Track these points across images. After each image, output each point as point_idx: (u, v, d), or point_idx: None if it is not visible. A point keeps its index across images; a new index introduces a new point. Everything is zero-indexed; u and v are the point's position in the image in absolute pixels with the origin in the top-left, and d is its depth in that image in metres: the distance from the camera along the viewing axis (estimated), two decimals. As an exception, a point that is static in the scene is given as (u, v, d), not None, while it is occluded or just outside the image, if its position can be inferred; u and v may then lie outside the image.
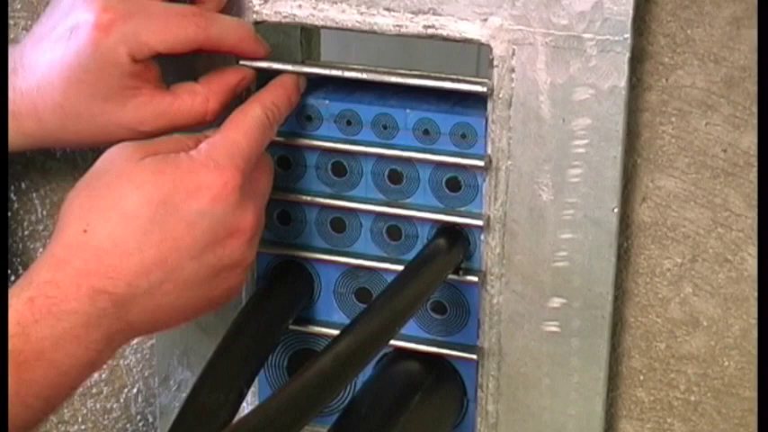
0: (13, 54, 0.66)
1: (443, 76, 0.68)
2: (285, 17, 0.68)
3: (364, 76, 0.67)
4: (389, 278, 0.69)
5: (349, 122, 0.69)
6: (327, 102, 0.69)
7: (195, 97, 0.66)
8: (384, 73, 0.67)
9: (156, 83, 0.65)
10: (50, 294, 0.55)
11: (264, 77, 0.70)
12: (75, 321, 0.55)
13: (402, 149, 0.68)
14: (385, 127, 0.68)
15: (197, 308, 0.61)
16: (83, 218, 0.58)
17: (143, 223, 0.57)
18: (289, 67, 0.68)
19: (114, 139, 0.65)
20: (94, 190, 0.59)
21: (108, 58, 0.63)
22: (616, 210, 0.65)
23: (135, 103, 0.64)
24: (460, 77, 0.67)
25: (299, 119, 0.70)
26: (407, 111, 0.68)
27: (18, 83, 0.65)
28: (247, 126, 0.62)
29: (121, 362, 0.82)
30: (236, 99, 0.67)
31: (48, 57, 0.64)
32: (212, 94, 0.66)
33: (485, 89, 0.65)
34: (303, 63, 0.70)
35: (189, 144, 0.61)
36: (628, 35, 0.62)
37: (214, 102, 0.66)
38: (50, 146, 0.69)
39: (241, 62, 0.68)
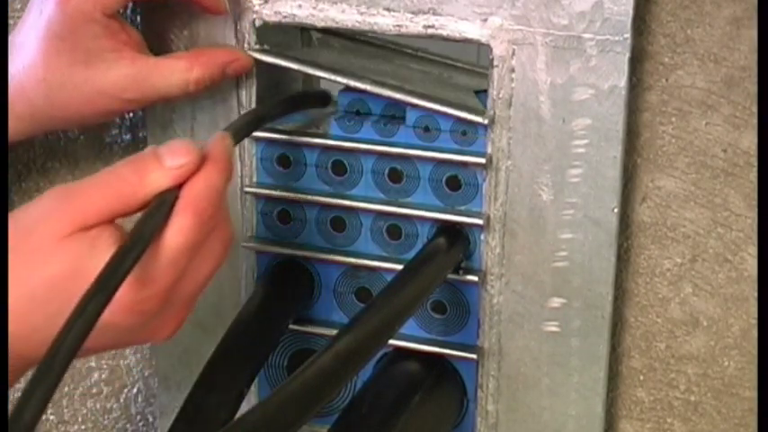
0: (8, 38, 0.67)
1: (446, 100, 0.67)
2: (285, 17, 0.68)
3: (368, 87, 0.67)
4: (389, 278, 0.69)
5: (358, 112, 0.70)
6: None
7: (179, 62, 0.65)
8: (388, 87, 0.67)
9: (137, 48, 0.65)
10: None
11: (265, 78, 0.70)
12: None
13: (402, 147, 0.68)
14: (393, 117, 0.69)
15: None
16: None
17: (51, 310, 0.52)
18: (293, 65, 0.68)
19: (101, 110, 0.66)
20: (12, 252, 0.53)
21: (78, 19, 0.63)
22: (616, 210, 0.65)
23: (116, 67, 0.64)
24: (462, 106, 0.67)
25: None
26: (408, 107, 0.68)
27: (9, 68, 0.66)
28: (179, 230, 0.53)
29: (121, 362, 0.82)
30: (227, 80, 0.67)
31: (27, 36, 0.65)
32: (198, 63, 0.65)
33: (485, 120, 0.65)
34: (305, 63, 0.70)
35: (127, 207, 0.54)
36: (628, 35, 0.62)
37: (198, 71, 0.65)
38: (43, 127, 0.69)
39: (248, 51, 0.68)
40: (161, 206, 0.53)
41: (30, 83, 0.65)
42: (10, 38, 0.67)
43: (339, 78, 0.68)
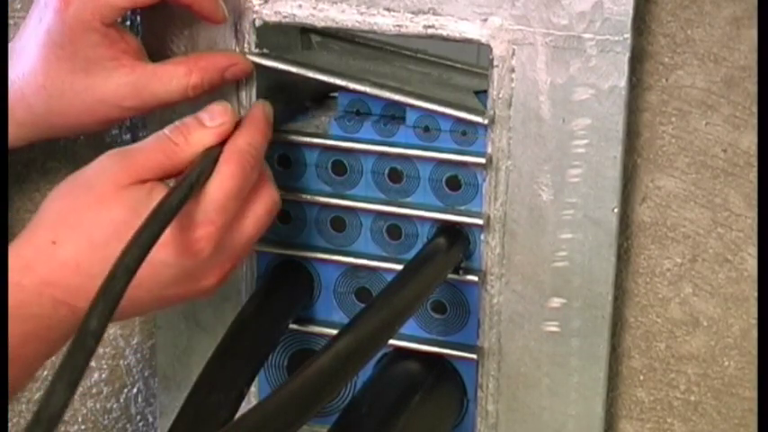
0: (9, 44, 0.67)
1: (445, 100, 0.67)
2: (285, 17, 0.68)
3: (368, 89, 0.67)
4: (389, 277, 0.69)
5: (358, 112, 0.70)
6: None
7: (177, 67, 0.66)
8: (388, 89, 0.67)
9: (136, 55, 0.65)
10: (16, 297, 0.56)
11: (266, 80, 0.70)
12: (38, 324, 0.57)
13: (402, 147, 0.68)
14: (393, 117, 0.69)
15: (160, 309, 0.64)
16: (54, 229, 0.58)
17: (109, 254, 0.55)
18: (292, 68, 0.68)
19: (100, 118, 0.66)
20: (73, 203, 0.59)
21: (77, 28, 0.63)
22: (616, 210, 0.65)
23: (116, 75, 0.65)
24: (462, 106, 0.67)
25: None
26: (408, 107, 0.68)
27: (9, 73, 0.66)
28: (224, 178, 0.60)
29: (121, 362, 0.82)
30: (226, 85, 0.68)
31: (28, 43, 0.65)
32: (197, 68, 0.66)
33: (485, 121, 0.65)
34: (305, 66, 0.70)
35: (176, 164, 0.60)
36: (628, 35, 0.62)
37: (197, 76, 0.66)
38: (44, 134, 0.69)
39: (247, 56, 0.68)
40: (206, 158, 0.60)
41: (30, 89, 0.66)
42: (11, 44, 0.67)
43: (338, 81, 0.68)
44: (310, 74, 0.69)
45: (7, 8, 0.74)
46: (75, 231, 0.58)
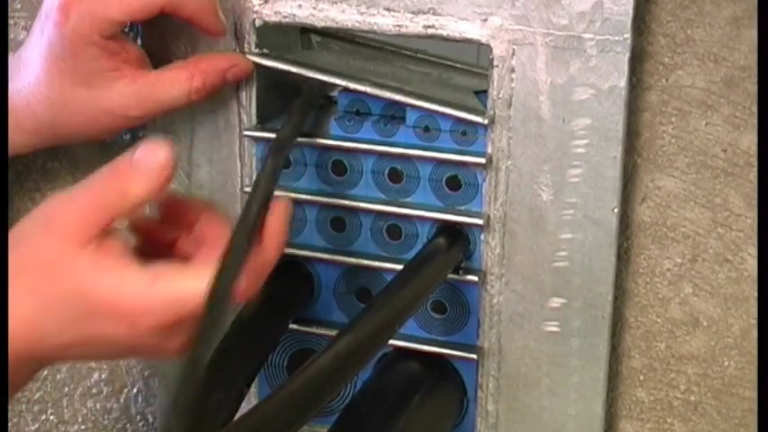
0: (17, 53, 0.68)
1: (445, 100, 0.67)
2: (285, 17, 0.68)
3: (368, 89, 0.67)
4: (389, 278, 0.69)
5: (358, 112, 0.70)
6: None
7: (179, 72, 0.66)
8: (388, 89, 0.67)
9: (138, 64, 0.66)
10: None
11: (265, 80, 0.70)
12: None
13: (402, 147, 0.68)
14: (393, 117, 0.69)
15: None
16: (11, 281, 0.55)
17: (64, 316, 0.55)
18: (292, 68, 0.68)
19: (104, 127, 0.66)
20: (27, 257, 0.56)
21: (76, 41, 0.63)
22: (616, 210, 0.65)
23: (119, 86, 0.65)
24: (462, 106, 0.67)
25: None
26: (408, 108, 0.68)
27: (15, 82, 0.66)
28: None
29: (121, 362, 0.82)
30: (228, 86, 0.68)
31: (32, 54, 0.66)
32: (198, 72, 0.66)
33: (485, 121, 0.65)
34: (305, 66, 0.70)
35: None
36: (628, 35, 0.62)
37: (198, 80, 0.66)
38: (49, 142, 0.69)
39: (247, 56, 0.68)
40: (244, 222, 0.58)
41: (35, 99, 0.66)
42: (19, 52, 0.68)
43: (338, 81, 0.68)
44: (310, 74, 0.69)
45: (7, 8, 0.75)
46: (30, 290, 0.55)
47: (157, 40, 0.70)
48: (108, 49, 0.64)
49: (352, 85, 0.68)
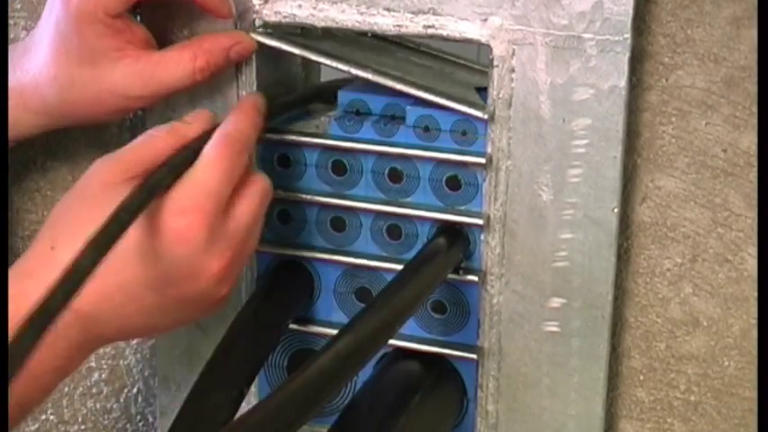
0: (29, 34, 0.69)
1: (446, 93, 0.67)
2: (285, 17, 0.68)
3: (370, 76, 0.67)
4: (389, 278, 0.69)
5: (358, 112, 0.70)
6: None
7: (182, 52, 0.66)
8: (390, 78, 0.67)
9: (143, 45, 0.66)
10: (19, 306, 0.55)
11: (265, 69, 0.70)
12: None
13: (402, 147, 0.68)
14: (393, 117, 0.69)
15: (168, 326, 0.62)
16: (53, 236, 0.58)
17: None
18: (295, 50, 0.68)
19: (109, 108, 0.67)
20: (67, 208, 0.60)
21: (82, 19, 0.64)
22: (616, 210, 0.65)
23: (121, 65, 0.65)
24: (462, 100, 0.67)
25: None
26: (408, 107, 0.68)
27: (25, 62, 0.67)
28: (212, 162, 0.59)
29: (121, 362, 0.82)
30: (226, 78, 0.68)
31: (42, 34, 0.66)
32: (201, 51, 0.66)
33: (485, 116, 0.65)
34: (308, 48, 0.70)
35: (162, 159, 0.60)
36: (628, 35, 0.62)
37: (202, 59, 0.66)
38: (57, 123, 0.70)
39: (251, 34, 0.68)
40: (188, 148, 0.60)
41: (43, 80, 0.67)
42: (30, 34, 0.68)
43: (341, 66, 0.68)
44: (313, 57, 0.68)
45: (7, 8, 0.75)
46: (71, 234, 0.57)
47: (156, 34, 0.70)
48: (113, 28, 0.64)
49: (354, 71, 0.67)
